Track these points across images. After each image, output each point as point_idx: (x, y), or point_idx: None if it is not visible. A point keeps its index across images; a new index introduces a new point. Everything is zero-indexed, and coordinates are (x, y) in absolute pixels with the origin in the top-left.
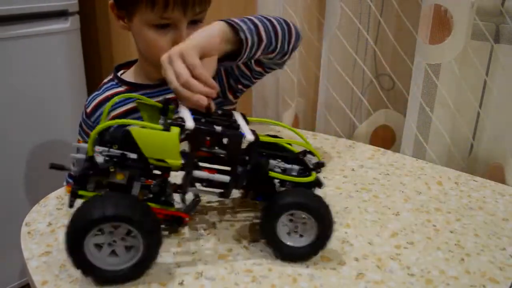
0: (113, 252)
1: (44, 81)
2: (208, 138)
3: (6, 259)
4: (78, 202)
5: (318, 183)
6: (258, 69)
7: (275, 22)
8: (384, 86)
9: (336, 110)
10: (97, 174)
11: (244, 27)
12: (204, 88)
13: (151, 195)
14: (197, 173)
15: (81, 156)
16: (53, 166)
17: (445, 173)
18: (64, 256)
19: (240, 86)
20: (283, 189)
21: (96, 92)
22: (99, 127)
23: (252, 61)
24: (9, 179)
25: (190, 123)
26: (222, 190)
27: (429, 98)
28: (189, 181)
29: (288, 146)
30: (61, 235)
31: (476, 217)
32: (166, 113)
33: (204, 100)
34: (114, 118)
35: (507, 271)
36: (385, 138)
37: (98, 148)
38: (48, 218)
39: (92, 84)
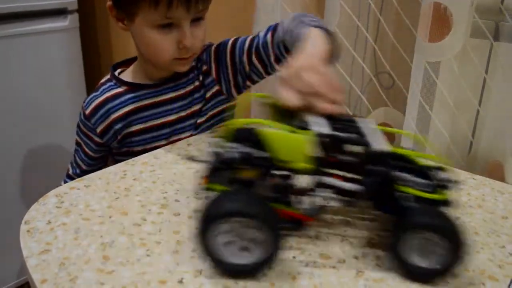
0: (237, 247)
1: (43, 79)
2: (337, 144)
3: (5, 258)
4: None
5: (447, 202)
6: (277, 65)
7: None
8: (384, 84)
9: None
10: (227, 169)
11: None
12: (339, 96)
13: (274, 195)
14: (326, 179)
15: (215, 150)
16: (189, 158)
17: None
18: (64, 254)
19: (248, 82)
20: (409, 203)
21: (94, 94)
22: (235, 125)
23: (272, 58)
24: (8, 177)
25: (325, 129)
26: (348, 199)
27: (429, 96)
28: (316, 185)
29: (417, 160)
30: (60, 233)
31: (475, 215)
32: (295, 115)
33: (340, 109)
34: (115, 120)
35: (506, 269)
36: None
37: (232, 144)
38: (47, 217)
39: (91, 83)
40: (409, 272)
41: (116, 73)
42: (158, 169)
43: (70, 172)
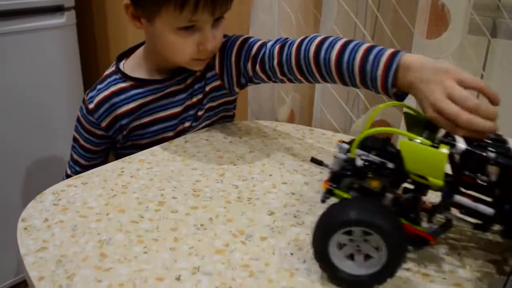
0: (355, 258)
1: (40, 76)
2: (477, 163)
3: (2, 256)
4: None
5: None
6: (282, 77)
7: None
8: None
9: (333, 105)
10: (354, 176)
11: None
12: (491, 121)
13: (400, 209)
14: (458, 198)
15: (342, 156)
16: (313, 160)
17: None
18: (61, 252)
19: (249, 84)
20: None
21: (99, 86)
22: (367, 133)
23: (277, 70)
24: (4, 174)
25: (462, 145)
26: (479, 222)
27: None
28: (447, 204)
29: None
30: (57, 230)
31: None
32: (433, 129)
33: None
34: (121, 115)
35: (503, 265)
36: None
37: (358, 151)
38: (44, 214)
39: (88, 80)
40: None
41: (121, 64)
42: (155, 166)
43: (69, 172)
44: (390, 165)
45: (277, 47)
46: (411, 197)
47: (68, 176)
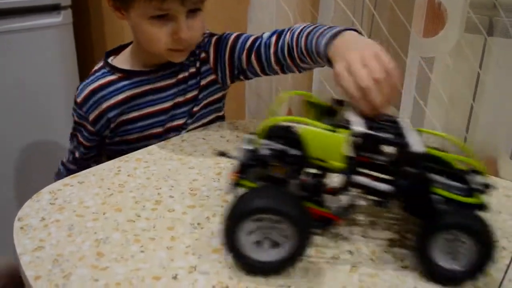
0: (264, 244)
1: (36, 75)
2: (374, 144)
3: None
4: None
5: (482, 206)
6: (276, 67)
7: None
8: None
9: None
10: (258, 166)
11: None
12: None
13: (305, 194)
14: (357, 178)
15: (247, 147)
16: (220, 154)
17: None
18: (57, 251)
19: (242, 77)
20: (443, 207)
21: (87, 81)
22: (270, 122)
23: (273, 59)
24: (1, 173)
25: (359, 128)
26: (379, 199)
27: (423, 91)
28: (348, 185)
29: (454, 162)
30: (54, 230)
31: None
32: (333, 114)
33: (385, 108)
34: (108, 108)
35: (499, 263)
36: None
37: (263, 141)
38: (41, 213)
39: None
40: (435, 274)
41: (110, 60)
42: (152, 165)
43: (64, 159)
44: (294, 151)
45: (274, 37)
46: (315, 181)
47: (62, 163)
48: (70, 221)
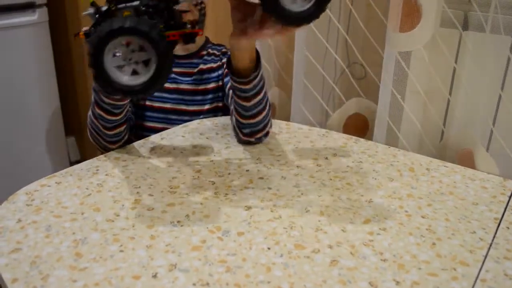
0: (129, 71)
1: (13, 74)
2: None
3: None
4: None
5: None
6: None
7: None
8: (356, 75)
9: (310, 99)
10: (103, 18)
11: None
12: None
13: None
14: None
15: (90, 11)
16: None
17: (417, 159)
18: (35, 253)
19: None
20: None
21: None
22: None
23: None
24: None
25: None
26: None
27: (400, 86)
28: None
29: None
30: (31, 231)
31: (447, 202)
32: None
33: None
34: None
35: (477, 254)
36: (358, 126)
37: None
38: (17, 215)
39: (62, 77)
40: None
41: None
42: (130, 164)
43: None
44: None
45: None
46: (162, 7)
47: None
48: (48, 222)
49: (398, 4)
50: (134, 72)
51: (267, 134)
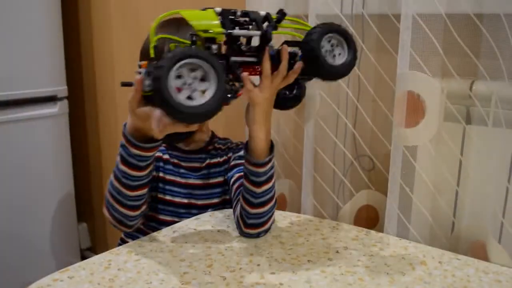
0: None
1: (31, 160)
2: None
3: None
4: None
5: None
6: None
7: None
8: (365, 167)
9: (320, 191)
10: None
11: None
12: None
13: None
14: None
15: (143, 71)
16: (124, 84)
17: (428, 252)
18: None
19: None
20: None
21: None
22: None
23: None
24: None
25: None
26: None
27: (409, 178)
28: (230, 39)
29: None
30: None
31: None
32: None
33: None
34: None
35: None
36: (369, 218)
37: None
38: None
39: (78, 169)
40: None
41: None
42: (142, 258)
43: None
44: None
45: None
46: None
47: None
48: None
49: (402, 101)
50: (189, 98)
51: (267, 230)
